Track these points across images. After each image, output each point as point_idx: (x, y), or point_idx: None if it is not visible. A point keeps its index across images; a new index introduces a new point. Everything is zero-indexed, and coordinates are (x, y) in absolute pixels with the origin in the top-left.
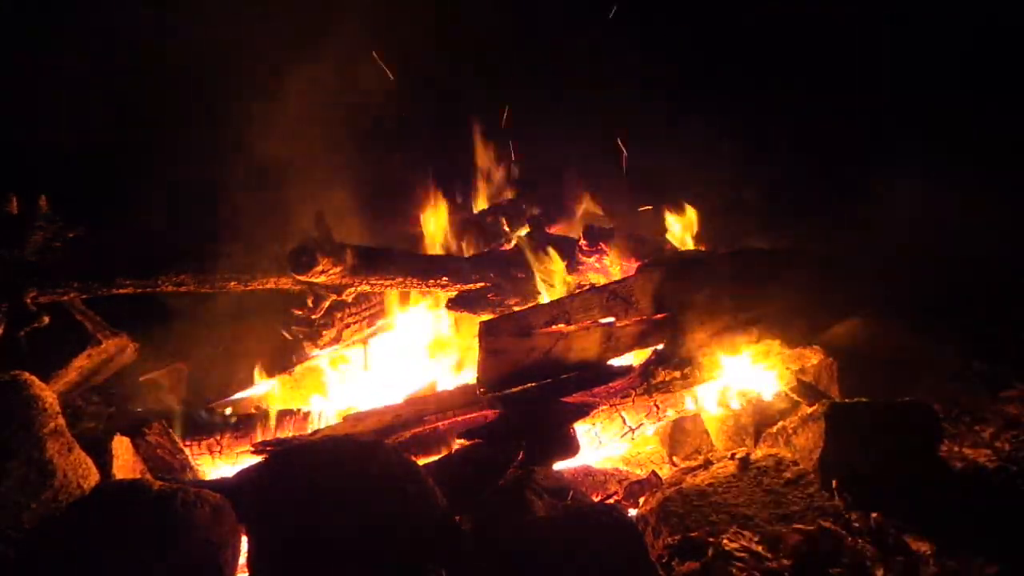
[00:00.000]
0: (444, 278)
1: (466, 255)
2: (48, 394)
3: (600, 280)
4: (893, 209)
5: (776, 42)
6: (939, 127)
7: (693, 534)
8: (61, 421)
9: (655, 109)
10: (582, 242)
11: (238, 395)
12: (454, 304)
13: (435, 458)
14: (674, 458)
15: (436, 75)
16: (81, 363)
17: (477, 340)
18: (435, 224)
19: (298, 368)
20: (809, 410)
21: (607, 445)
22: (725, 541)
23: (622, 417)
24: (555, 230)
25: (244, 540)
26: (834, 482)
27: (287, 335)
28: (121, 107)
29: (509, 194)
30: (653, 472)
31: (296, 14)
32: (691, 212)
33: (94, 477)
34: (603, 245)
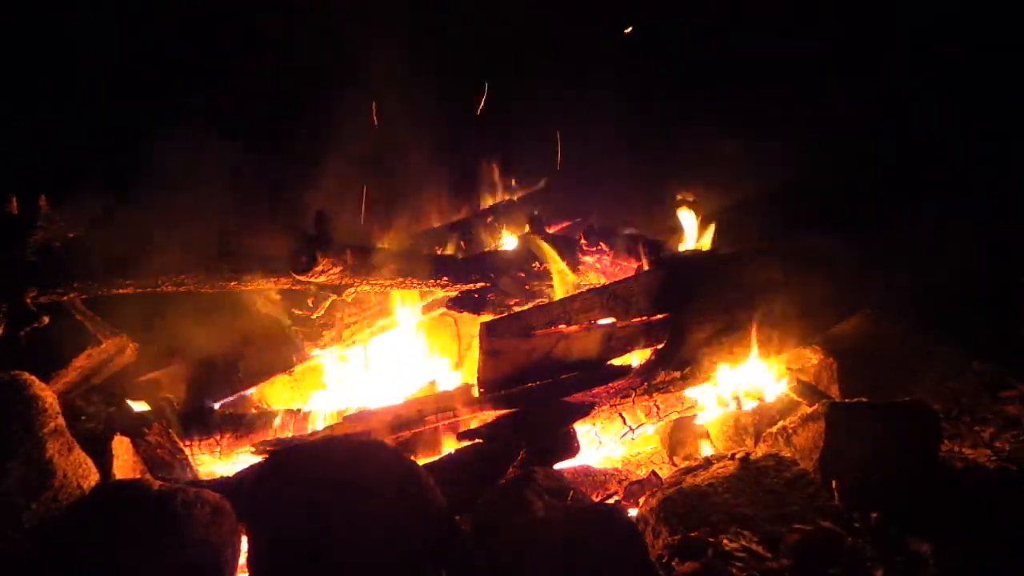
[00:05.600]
0: (444, 278)
1: (466, 255)
2: (48, 394)
3: (601, 280)
4: (893, 209)
5: (775, 42)
6: (938, 128)
7: (693, 534)
8: (61, 421)
9: (657, 108)
10: (582, 242)
11: (238, 395)
12: (454, 304)
13: (435, 458)
14: (674, 458)
15: (438, 73)
16: (81, 363)
17: (477, 341)
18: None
19: (298, 368)
20: (809, 410)
21: (607, 445)
22: (725, 541)
23: (622, 417)
24: (554, 229)
25: (244, 540)
26: (834, 482)
27: (288, 335)
28: (122, 106)
29: (509, 195)
30: (653, 472)
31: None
32: (691, 212)
33: (94, 477)
34: (603, 245)
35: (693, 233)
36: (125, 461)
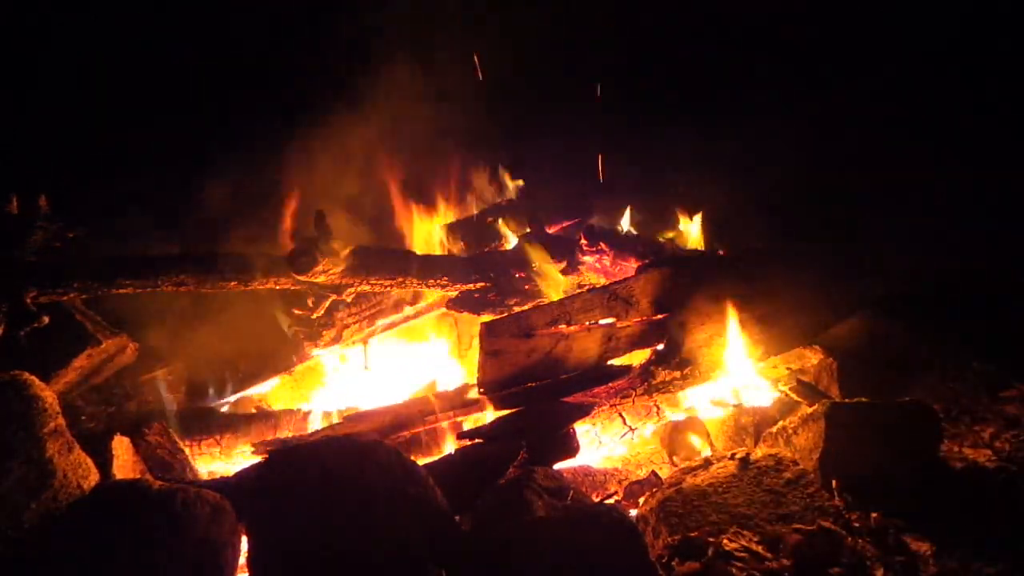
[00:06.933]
0: (444, 278)
1: (466, 255)
2: (48, 394)
3: (601, 280)
4: (893, 210)
5: (775, 43)
6: (937, 127)
7: (693, 534)
8: (61, 421)
9: (656, 108)
10: (582, 242)
11: (238, 395)
12: (454, 304)
13: (435, 458)
14: (674, 458)
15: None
16: (81, 363)
17: (478, 341)
18: (435, 224)
19: (298, 368)
20: (809, 410)
21: (607, 445)
22: (725, 541)
23: (622, 417)
24: (554, 229)
25: (244, 540)
26: (834, 482)
27: (288, 335)
28: (124, 106)
29: (510, 195)
30: (653, 472)
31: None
32: (691, 212)
33: (94, 477)
34: (603, 245)
35: (692, 233)
36: (125, 461)
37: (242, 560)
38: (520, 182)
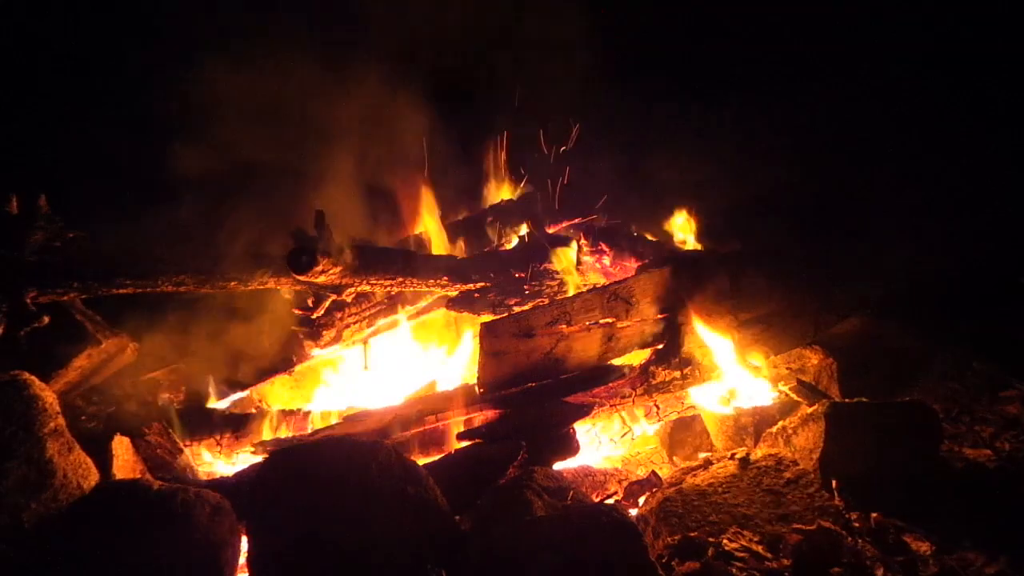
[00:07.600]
0: (444, 278)
1: (466, 255)
2: (48, 394)
3: (601, 280)
4: (893, 210)
5: (774, 44)
6: (937, 127)
7: (693, 534)
8: (61, 421)
9: (655, 111)
10: (583, 242)
11: (238, 395)
12: (454, 304)
13: (435, 458)
14: (674, 458)
15: (434, 69)
16: (81, 363)
17: (478, 341)
18: (435, 224)
19: (298, 368)
20: (809, 410)
21: (607, 445)
22: (725, 541)
23: (622, 417)
24: (554, 229)
25: (244, 540)
26: (834, 482)
27: (293, 333)
28: (122, 107)
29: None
30: (653, 472)
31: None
32: (691, 213)
33: (94, 477)
34: (603, 245)
35: (692, 234)
36: (125, 461)
37: (242, 560)
38: (520, 183)
